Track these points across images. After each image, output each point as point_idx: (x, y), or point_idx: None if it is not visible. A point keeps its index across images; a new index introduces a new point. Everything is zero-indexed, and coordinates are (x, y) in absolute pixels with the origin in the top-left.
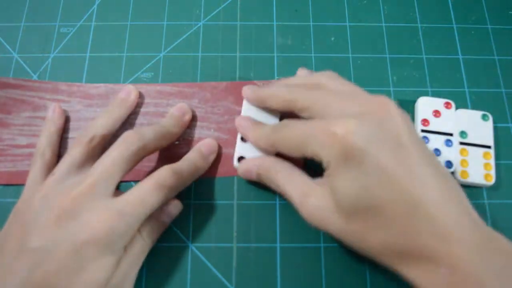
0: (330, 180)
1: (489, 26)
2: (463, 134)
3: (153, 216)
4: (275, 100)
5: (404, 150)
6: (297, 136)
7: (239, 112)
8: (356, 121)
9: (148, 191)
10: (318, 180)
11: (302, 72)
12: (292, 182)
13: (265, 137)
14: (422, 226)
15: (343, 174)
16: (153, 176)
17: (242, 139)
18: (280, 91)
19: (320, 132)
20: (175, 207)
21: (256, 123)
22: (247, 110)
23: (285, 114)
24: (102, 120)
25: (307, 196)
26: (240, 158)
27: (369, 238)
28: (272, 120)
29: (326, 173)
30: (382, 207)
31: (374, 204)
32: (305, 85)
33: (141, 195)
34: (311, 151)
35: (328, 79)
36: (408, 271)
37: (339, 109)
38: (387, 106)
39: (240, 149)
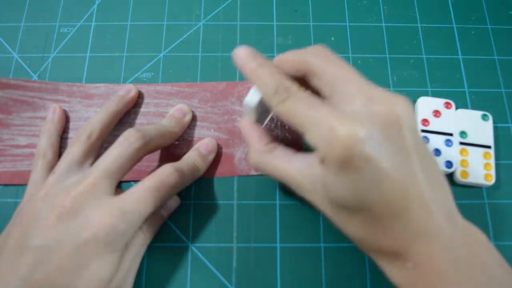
0: (322, 173)
1: (489, 26)
2: (463, 134)
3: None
4: (286, 62)
5: (405, 154)
6: (298, 116)
7: (239, 112)
8: (363, 128)
9: (150, 189)
10: (311, 160)
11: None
12: (290, 165)
13: (267, 94)
14: (402, 228)
15: (337, 174)
16: (155, 174)
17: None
18: (290, 53)
19: (322, 124)
20: (174, 201)
21: (260, 59)
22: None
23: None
24: (100, 116)
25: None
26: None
27: (349, 229)
28: None
29: (319, 164)
30: (370, 208)
31: (363, 206)
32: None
33: (143, 193)
34: (309, 139)
35: (318, 60)
36: (382, 263)
37: (349, 94)
38: (398, 109)
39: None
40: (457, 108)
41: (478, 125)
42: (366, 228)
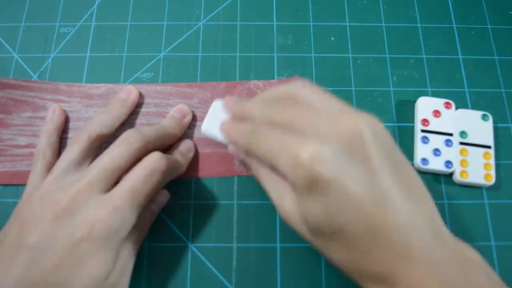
0: (296, 198)
1: (489, 26)
2: (463, 134)
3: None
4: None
5: (373, 174)
6: (267, 150)
7: None
8: (323, 147)
9: (141, 179)
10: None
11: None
12: (271, 183)
13: (244, 138)
14: (383, 250)
15: (307, 198)
16: (143, 163)
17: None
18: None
19: (286, 152)
20: (164, 196)
21: (240, 119)
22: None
23: None
24: (101, 118)
25: (283, 199)
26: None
27: (331, 254)
28: None
29: (293, 190)
30: (346, 231)
31: (337, 229)
32: (279, 103)
33: (134, 184)
34: (278, 170)
35: (306, 90)
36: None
37: (309, 125)
38: (360, 125)
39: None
40: (457, 108)
41: (478, 125)
42: (347, 253)
